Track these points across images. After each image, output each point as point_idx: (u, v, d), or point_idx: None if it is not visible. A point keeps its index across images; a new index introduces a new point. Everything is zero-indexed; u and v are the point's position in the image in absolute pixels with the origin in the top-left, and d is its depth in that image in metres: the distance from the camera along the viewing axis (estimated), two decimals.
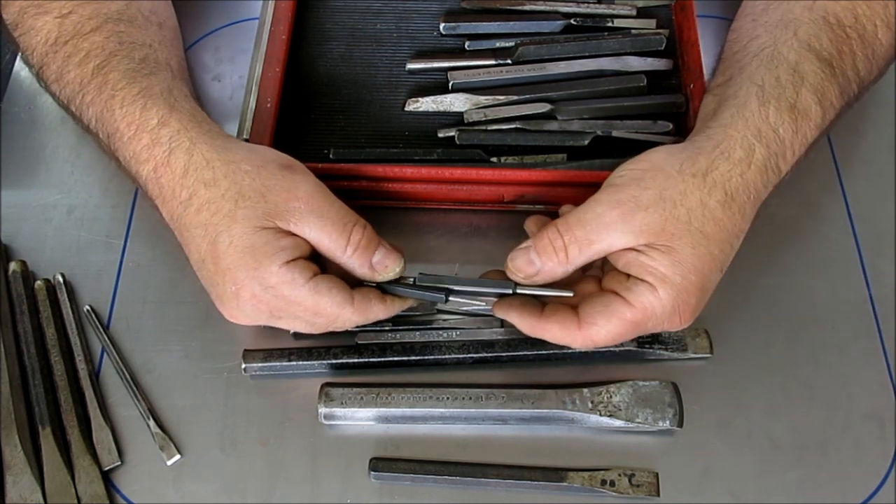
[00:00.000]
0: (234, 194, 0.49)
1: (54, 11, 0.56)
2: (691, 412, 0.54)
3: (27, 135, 0.66)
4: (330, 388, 0.54)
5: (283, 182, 0.50)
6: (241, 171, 0.50)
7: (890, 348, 0.57)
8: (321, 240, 0.49)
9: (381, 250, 0.50)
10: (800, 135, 0.51)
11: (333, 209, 0.50)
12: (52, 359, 0.56)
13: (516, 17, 0.67)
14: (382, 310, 0.51)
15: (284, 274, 0.48)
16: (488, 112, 0.63)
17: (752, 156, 0.50)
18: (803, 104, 0.52)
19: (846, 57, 0.54)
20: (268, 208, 0.48)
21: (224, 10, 0.72)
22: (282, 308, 0.49)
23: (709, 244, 0.48)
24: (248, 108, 0.61)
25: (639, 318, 0.48)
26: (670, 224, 0.47)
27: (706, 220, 0.48)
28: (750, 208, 0.50)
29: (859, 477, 0.53)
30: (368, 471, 0.53)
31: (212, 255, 0.49)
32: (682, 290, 0.47)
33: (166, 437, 0.54)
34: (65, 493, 0.51)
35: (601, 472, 0.52)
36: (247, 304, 0.49)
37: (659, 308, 0.48)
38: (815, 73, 0.53)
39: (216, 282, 0.49)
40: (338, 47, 0.67)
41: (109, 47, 0.55)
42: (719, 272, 0.50)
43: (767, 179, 0.51)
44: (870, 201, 0.63)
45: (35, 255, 0.60)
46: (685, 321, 0.49)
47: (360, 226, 0.50)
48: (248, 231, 0.48)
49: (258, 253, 0.48)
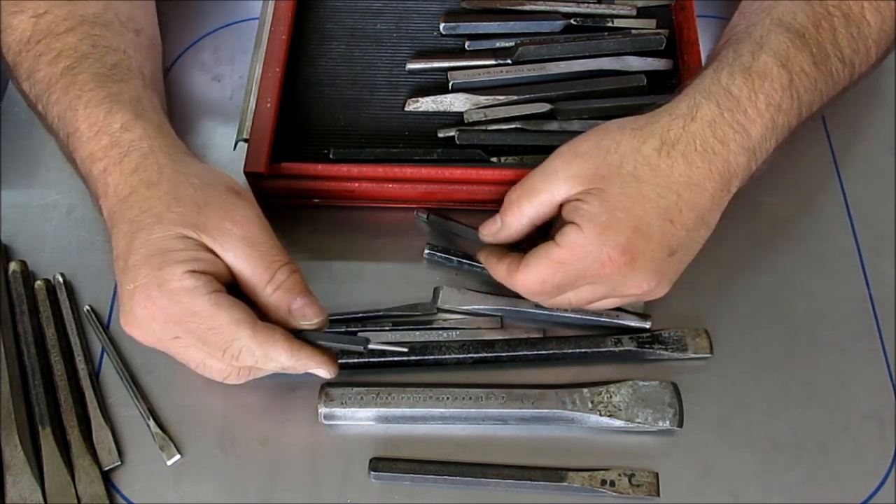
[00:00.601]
0: (170, 199, 0.48)
1: (30, 10, 0.56)
2: (691, 412, 0.54)
3: (27, 135, 0.66)
4: (330, 388, 0.54)
5: (223, 202, 0.49)
6: (187, 182, 0.49)
7: (890, 348, 0.57)
8: (244, 269, 0.48)
9: (304, 298, 0.49)
10: (761, 94, 0.51)
11: (267, 243, 0.49)
12: (52, 359, 0.56)
13: (516, 17, 0.67)
14: (286, 349, 0.48)
15: (186, 279, 0.46)
16: (488, 112, 0.63)
17: (696, 111, 0.50)
18: (760, 66, 0.51)
19: (824, 32, 0.54)
20: (198, 220, 0.48)
21: (224, 10, 0.72)
22: (176, 317, 0.47)
23: (641, 186, 0.48)
24: (248, 108, 0.60)
25: (565, 256, 0.49)
26: (602, 168, 0.49)
27: (639, 164, 0.49)
28: (699, 159, 0.49)
29: (859, 477, 0.53)
30: (368, 471, 0.53)
31: (125, 251, 0.48)
32: (607, 227, 0.48)
33: (166, 437, 0.54)
34: (65, 493, 0.51)
35: (601, 472, 0.52)
36: (140, 306, 0.47)
37: (583, 244, 0.48)
38: (779, 42, 0.52)
39: (120, 281, 0.48)
40: (338, 47, 0.67)
41: (82, 49, 0.54)
42: (663, 219, 0.49)
43: (725, 135, 0.50)
44: (870, 201, 0.63)
45: (35, 255, 0.60)
46: (619, 264, 0.48)
47: (288, 267, 0.49)
48: (168, 234, 0.47)
49: (168, 256, 0.47)
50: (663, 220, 0.49)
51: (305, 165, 0.58)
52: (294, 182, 0.60)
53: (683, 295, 0.59)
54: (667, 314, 0.58)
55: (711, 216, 0.51)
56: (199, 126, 0.66)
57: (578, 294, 0.52)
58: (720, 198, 0.51)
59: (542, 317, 0.58)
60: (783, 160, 0.64)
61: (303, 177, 0.59)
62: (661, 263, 0.50)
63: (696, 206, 0.50)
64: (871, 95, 0.69)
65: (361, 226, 0.62)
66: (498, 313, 0.58)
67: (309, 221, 0.62)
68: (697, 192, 0.49)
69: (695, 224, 0.50)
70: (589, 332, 0.57)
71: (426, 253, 0.60)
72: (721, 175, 0.50)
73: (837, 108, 0.67)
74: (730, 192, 0.51)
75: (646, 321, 0.57)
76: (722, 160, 0.50)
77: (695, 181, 0.49)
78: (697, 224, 0.50)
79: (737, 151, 0.50)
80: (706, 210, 0.50)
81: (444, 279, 0.60)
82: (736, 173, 0.51)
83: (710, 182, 0.50)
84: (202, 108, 0.67)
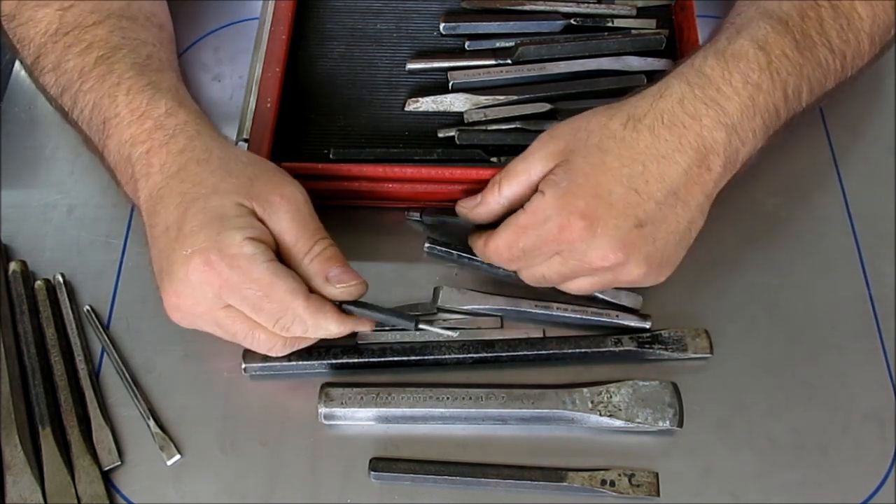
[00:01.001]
0: (223, 172, 0.50)
1: (55, 4, 0.56)
2: (691, 412, 0.54)
3: (27, 135, 0.66)
4: (330, 388, 0.54)
5: (272, 176, 0.51)
6: (237, 159, 0.51)
7: (890, 348, 0.57)
8: (288, 239, 0.50)
9: (341, 267, 0.50)
10: (735, 73, 0.51)
11: (310, 219, 0.51)
12: (52, 359, 0.56)
13: (516, 17, 0.67)
14: (336, 321, 0.50)
15: (247, 246, 0.47)
16: (488, 112, 0.63)
17: (665, 90, 0.51)
18: (735, 48, 0.52)
19: (810, 21, 0.54)
20: (251, 190, 0.49)
21: (224, 10, 0.72)
22: (233, 284, 0.47)
23: (604, 156, 0.50)
24: (248, 108, 0.61)
25: (527, 220, 0.50)
26: (571, 143, 0.51)
27: (605, 137, 0.50)
28: (667, 132, 0.50)
29: (859, 477, 0.53)
30: (368, 471, 0.53)
31: (179, 221, 0.49)
32: (566, 191, 0.49)
33: (166, 437, 0.54)
34: (65, 493, 0.51)
35: (601, 472, 0.52)
36: (197, 271, 0.47)
37: (544, 209, 0.50)
38: (758, 27, 0.53)
39: (173, 248, 0.48)
40: (338, 47, 0.67)
41: (113, 41, 0.55)
42: (627, 188, 0.49)
43: (696, 110, 0.50)
44: (870, 201, 0.63)
45: (35, 255, 0.60)
46: (578, 228, 0.49)
47: (328, 241, 0.51)
48: (225, 202, 0.48)
49: (227, 222, 0.48)
50: (626, 188, 0.49)
51: (305, 165, 0.58)
52: None
53: (683, 295, 0.59)
54: (667, 314, 0.58)
55: (689, 193, 0.50)
56: None
57: (550, 266, 0.52)
58: (697, 174, 0.50)
59: (542, 317, 0.58)
60: (783, 160, 0.65)
61: (303, 177, 0.59)
62: (627, 234, 0.49)
63: (665, 177, 0.49)
64: (871, 95, 0.69)
65: (361, 226, 0.62)
66: (498, 313, 0.58)
67: None
68: (666, 164, 0.49)
69: (665, 197, 0.49)
70: (589, 332, 0.57)
71: (426, 247, 0.60)
72: (694, 150, 0.50)
73: (837, 108, 0.67)
74: (710, 169, 0.50)
75: (646, 321, 0.57)
76: (694, 134, 0.50)
77: (662, 153, 0.50)
78: (669, 198, 0.50)
79: (711, 126, 0.50)
80: (678, 184, 0.50)
81: (444, 279, 0.60)
82: (714, 149, 0.50)
83: (680, 155, 0.50)
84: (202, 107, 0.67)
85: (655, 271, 0.52)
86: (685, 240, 0.52)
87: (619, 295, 0.58)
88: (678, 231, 0.51)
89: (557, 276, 0.53)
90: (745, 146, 0.52)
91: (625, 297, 0.58)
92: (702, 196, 0.51)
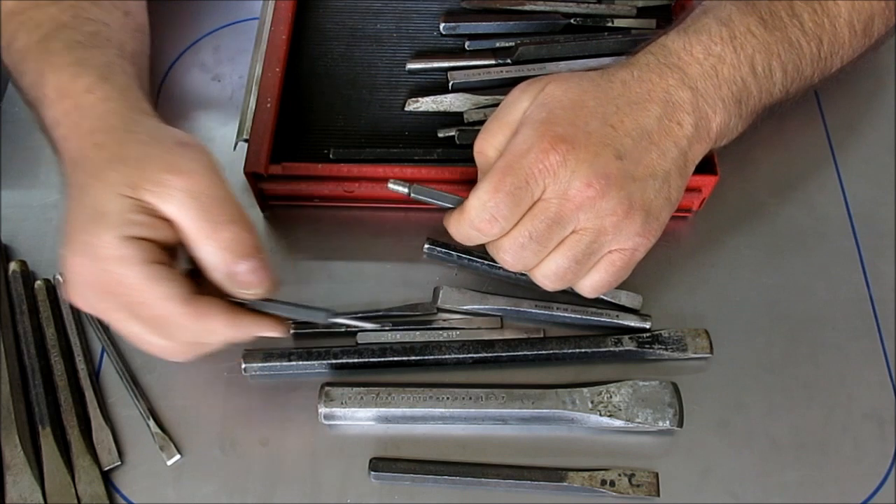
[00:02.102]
0: (115, 159, 0.45)
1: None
2: (691, 412, 0.54)
3: (27, 135, 0.66)
4: (330, 388, 0.54)
5: (167, 155, 0.45)
6: (135, 141, 0.46)
7: (890, 348, 0.57)
8: (185, 222, 0.44)
9: (248, 262, 0.45)
10: (697, 45, 0.52)
11: (215, 199, 0.44)
12: (52, 359, 0.56)
13: (516, 17, 0.67)
14: (224, 322, 0.46)
15: (118, 247, 0.43)
16: (488, 112, 0.63)
17: (632, 59, 0.53)
18: (698, 26, 0.53)
19: (778, 3, 0.55)
20: (141, 175, 0.44)
21: (224, 10, 0.72)
22: (108, 289, 0.44)
23: (582, 95, 0.50)
24: (248, 108, 0.60)
25: (508, 160, 0.48)
26: (552, 80, 0.51)
27: (583, 78, 0.51)
28: (637, 85, 0.51)
29: (859, 477, 0.53)
30: (368, 471, 0.53)
31: (68, 217, 0.46)
32: (545, 121, 0.49)
33: (166, 437, 0.54)
34: (65, 493, 0.51)
35: (601, 472, 0.52)
36: (73, 274, 0.45)
37: (523, 141, 0.49)
38: (722, 7, 0.54)
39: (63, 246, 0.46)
40: (338, 47, 0.67)
41: (62, 19, 0.53)
42: (603, 123, 0.49)
43: (661, 72, 0.52)
44: (870, 201, 0.63)
45: (35, 255, 0.60)
46: (562, 151, 0.48)
47: (236, 226, 0.45)
48: (106, 197, 0.44)
49: (102, 220, 0.44)
50: (603, 123, 0.49)
51: (305, 165, 0.58)
52: (294, 182, 0.60)
53: (683, 295, 0.59)
54: (667, 314, 0.58)
55: (662, 140, 0.50)
56: (199, 126, 0.66)
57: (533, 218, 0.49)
58: (668, 126, 0.51)
59: (542, 317, 0.58)
60: (783, 160, 0.65)
61: (303, 177, 0.59)
62: (607, 163, 0.48)
63: (638, 119, 0.50)
64: (871, 95, 0.69)
65: (361, 226, 0.62)
66: (498, 313, 0.58)
67: (309, 221, 0.62)
68: (638, 109, 0.50)
69: (639, 136, 0.50)
70: (589, 332, 0.57)
71: (426, 248, 0.60)
72: (663, 102, 0.51)
73: (837, 108, 0.67)
74: (681, 125, 0.51)
75: (646, 321, 0.57)
76: (660, 90, 0.51)
77: (633, 100, 0.51)
78: (643, 139, 0.50)
79: (675, 85, 0.51)
80: (651, 128, 0.50)
81: (444, 278, 0.60)
82: (682, 107, 0.51)
83: (650, 104, 0.51)
84: (202, 108, 0.67)
85: (641, 218, 0.50)
86: (664, 191, 0.51)
87: (619, 295, 0.58)
88: (656, 175, 0.50)
89: (542, 225, 0.49)
90: (716, 115, 0.52)
91: (625, 297, 0.58)
92: (675, 149, 0.51)
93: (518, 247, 0.50)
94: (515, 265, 0.51)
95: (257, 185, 0.60)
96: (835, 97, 0.67)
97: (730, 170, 0.59)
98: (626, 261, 0.51)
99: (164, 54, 0.69)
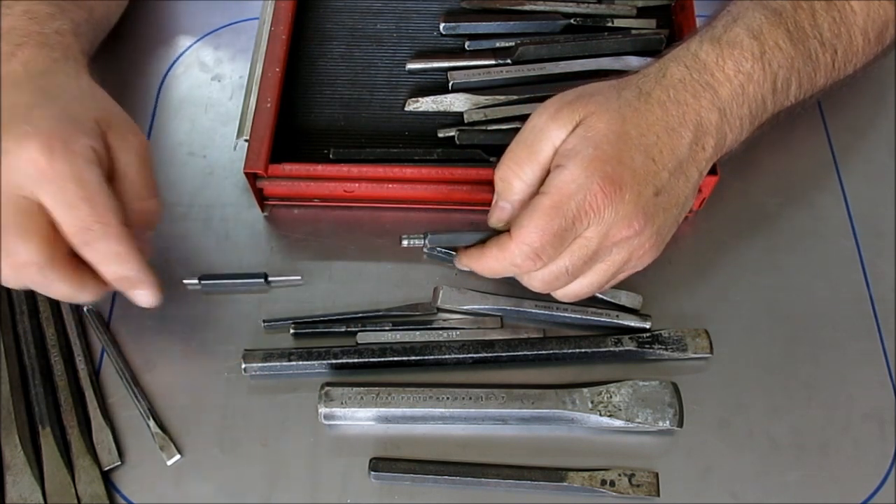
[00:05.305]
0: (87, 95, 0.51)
1: None
2: (691, 412, 0.54)
3: None
4: (330, 388, 0.54)
5: (129, 120, 0.51)
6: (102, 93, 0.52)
7: (890, 348, 0.57)
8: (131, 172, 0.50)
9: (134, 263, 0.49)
10: (729, 60, 0.52)
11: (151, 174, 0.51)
12: (52, 359, 0.56)
13: (516, 17, 0.67)
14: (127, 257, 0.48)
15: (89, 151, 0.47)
16: (488, 112, 0.63)
17: (665, 71, 0.52)
18: (730, 36, 0.53)
19: (802, 12, 0.55)
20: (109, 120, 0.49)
21: (224, 10, 0.72)
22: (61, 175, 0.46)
23: (624, 124, 0.49)
24: (248, 108, 0.60)
25: (556, 200, 0.48)
26: (591, 106, 0.49)
27: (622, 103, 0.50)
28: (673, 108, 0.50)
29: (859, 477, 0.53)
30: (368, 471, 0.53)
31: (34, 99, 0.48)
32: (593, 158, 0.48)
33: (166, 437, 0.54)
34: (65, 493, 0.51)
35: (601, 472, 0.52)
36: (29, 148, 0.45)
37: (571, 180, 0.48)
38: (753, 17, 0.54)
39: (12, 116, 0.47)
40: (338, 47, 0.67)
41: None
42: (646, 156, 0.49)
43: (695, 91, 0.51)
44: (870, 201, 0.63)
45: None
46: (609, 192, 0.48)
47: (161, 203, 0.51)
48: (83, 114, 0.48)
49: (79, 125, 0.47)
50: (646, 157, 0.49)
51: (305, 166, 0.58)
52: (294, 182, 0.60)
53: (683, 295, 0.59)
54: (667, 314, 0.58)
55: (690, 169, 0.51)
56: (199, 126, 0.66)
57: (572, 253, 0.50)
58: (695, 152, 0.51)
59: (542, 317, 0.58)
60: (783, 160, 0.65)
61: (303, 177, 0.59)
62: (647, 202, 0.49)
63: (675, 150, 0.50)
64: (871, 95, 0.69)
65: (361, 226, 0.62)
66: (498, 313, 0.58)
67: (309, 221, 0.62)
68: (675, 137, 0.50)
69: (675, 169, 0.50)
70: (589, 332, 0.57)
71: (426, 249, 0.60)
72: (694, 126, 0.51)
73: (838, 108, 0.67)
74: (704, 149, 0.51)
75: (646, 321, 0.57)
76: (693, 112, 0.51)
77: (671, 126, 0.50)
78: (677, 171, 0.50)
79: (707, 107, 0.51)
80: (684, 158, 0.50)
81: (444, 279, 0.60)
82: (708, 129, 0.51)
83: (684, 130, 0.50)
84: (202, 108, 0.67)
85: (656, 247, 0.52)
86: (680, 216, 0.53)
87: (619, 295, 0.58)
88: (678, 205, 0.52)
89: (580, 261, 0.51)
90: (731, 133, 0.53)
91: (625, 297, 0.58)
92: (696, 174, 0.52)
93: (553, 278, 0.52)
94: (542, 290, 0.53)
95: (257, 185, 0.60)
96: (836, 98, 0.67)
97: (730, 170, 0.59)
98: (626, 274, 0.54)
99: (164, 54, 0.69)
